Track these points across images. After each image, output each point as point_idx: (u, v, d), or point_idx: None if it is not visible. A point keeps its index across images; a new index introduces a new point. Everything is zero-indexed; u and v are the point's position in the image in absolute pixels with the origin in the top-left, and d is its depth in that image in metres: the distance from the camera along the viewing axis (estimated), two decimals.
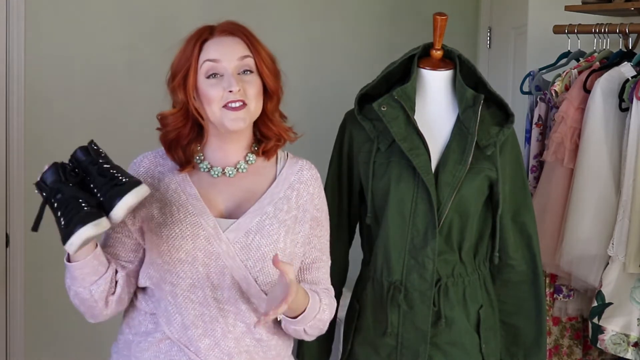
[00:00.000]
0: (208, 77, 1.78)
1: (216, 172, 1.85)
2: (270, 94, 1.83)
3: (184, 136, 1.83)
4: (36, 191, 1.73)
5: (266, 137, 1.86)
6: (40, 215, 1.71)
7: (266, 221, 1.81)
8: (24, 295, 3.06)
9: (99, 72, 3.16)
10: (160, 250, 1.79)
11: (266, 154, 1.87)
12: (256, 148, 1.87)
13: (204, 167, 1.85)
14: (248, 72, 1.79)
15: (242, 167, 1.85)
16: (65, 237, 1.65)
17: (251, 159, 1.86)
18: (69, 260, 1.76)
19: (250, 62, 1.79)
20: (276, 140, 1.86)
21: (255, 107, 1.80)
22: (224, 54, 1.78)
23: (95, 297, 1.79)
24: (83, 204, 1.67)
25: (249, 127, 1.84)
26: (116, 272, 1.82)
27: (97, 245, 1.76)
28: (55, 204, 1.70)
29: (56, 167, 1.75)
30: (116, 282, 1.82)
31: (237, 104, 1.76)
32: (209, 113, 1.78)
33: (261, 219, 1.81)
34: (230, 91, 1.75)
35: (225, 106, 1.76)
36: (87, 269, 1.76)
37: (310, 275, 1.89)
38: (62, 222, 1.67)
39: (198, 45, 1.80)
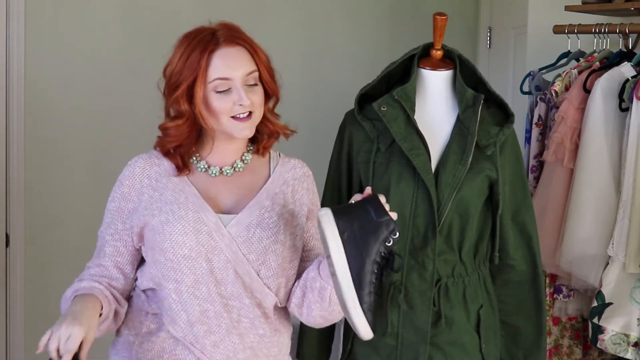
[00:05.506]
0: (217, 91, 1.78)
1: (214, 172, 1.86)
2: (269, 96, 1.86)
3: (186, 144, 1.84)
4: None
5: (262, 133, 1.89)
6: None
7: (265, 214, 1.83)
8: (24, 295, 3.06)
9: (99, 71, 3.17)
10: (164, 247, 1.80)
11: (264, 150, 1.90)
12: (251, 148, 1.90)
13: (201, 167, 1.87)
14: (254, 85, 1.82)
15: (238, 166, 1.88)
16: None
17: (247, 158, 1.89)
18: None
19: (256, 75, 1.82)
20: (269, 136, 1.89)
21: (259, 114, 1.83)
22: (234, 70, 1.78)
23: (109, 328, 1.86)
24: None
25: None
26: (119, 304, 1.86)
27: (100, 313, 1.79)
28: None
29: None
30: (116, 299, 1.85)
31: (245, 114, 1.79)
32: (215, 123, 1.81)
33: (260, 212, 1.83)
34: (241, 104, 1.78)
35: (233, 117, 1.79)
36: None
37: (311, 263, 1.90)
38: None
39: (205, 57, 1.78)
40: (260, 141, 1.89)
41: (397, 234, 1.70)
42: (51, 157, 3.08)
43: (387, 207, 1.72)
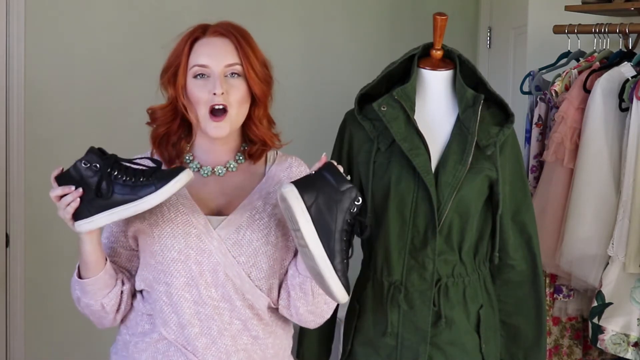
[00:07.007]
0: (195, 77, 1.80)
1: (206, 172, 1.86)
2: (257, 101, 1.84)
3: (173, 132, 1.85)
4: (84, 165, 1.72)
5: (252, 141, 1.88)
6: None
7: (256, 216, 1.82)
8: (24, 295, 3.06)
9: (100, 71, 3.16)
10: (153, 250, 1.80)
11: (252, 157, 1.88)
12: (245, 148, 1.89)
13: (194, 166, 1.87)
14: (235, 76, 1.80)
15: (231, 166, 1.87)
16: (163, 182, 1.68)
17: (241, 158, 1.88)
18: (79, 277, 1.80)
19: (237, 68, 1.81)
20: (261, 145, 1.88)
21: (237, 113, 1.81)
22: (212, 58, 1.79)
23: (107, 309, 1.84)
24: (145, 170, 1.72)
25: (236, 131, 1.86)
26: (123, 283, 1.85)
27: (107, 259, 1.81)
28: (119, 170, 1.71)
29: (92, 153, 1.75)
30: (121, 292, 1.85)
31: (220, 107, 1.78)
32: (197, 113, 1.80)
33: (251, 214, 1.82)
34: (215, 93, 1.77)
35: (210, 111, 1.78)
36: (98, 284, 1.80)
37: None
38: (142, 180, 1.69)
39: (189, 44, 1.82)
40: (249, 146, 1.88)
41: (360, 199, 1.72)
42: (51, 157, 3.08)
43: (341, 170, 1.74)
